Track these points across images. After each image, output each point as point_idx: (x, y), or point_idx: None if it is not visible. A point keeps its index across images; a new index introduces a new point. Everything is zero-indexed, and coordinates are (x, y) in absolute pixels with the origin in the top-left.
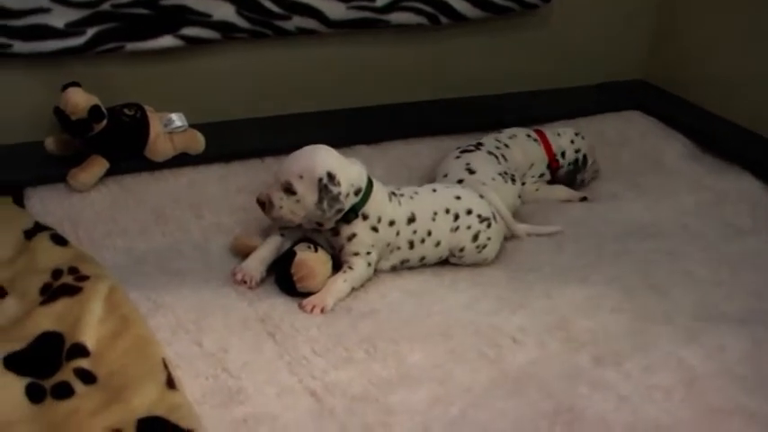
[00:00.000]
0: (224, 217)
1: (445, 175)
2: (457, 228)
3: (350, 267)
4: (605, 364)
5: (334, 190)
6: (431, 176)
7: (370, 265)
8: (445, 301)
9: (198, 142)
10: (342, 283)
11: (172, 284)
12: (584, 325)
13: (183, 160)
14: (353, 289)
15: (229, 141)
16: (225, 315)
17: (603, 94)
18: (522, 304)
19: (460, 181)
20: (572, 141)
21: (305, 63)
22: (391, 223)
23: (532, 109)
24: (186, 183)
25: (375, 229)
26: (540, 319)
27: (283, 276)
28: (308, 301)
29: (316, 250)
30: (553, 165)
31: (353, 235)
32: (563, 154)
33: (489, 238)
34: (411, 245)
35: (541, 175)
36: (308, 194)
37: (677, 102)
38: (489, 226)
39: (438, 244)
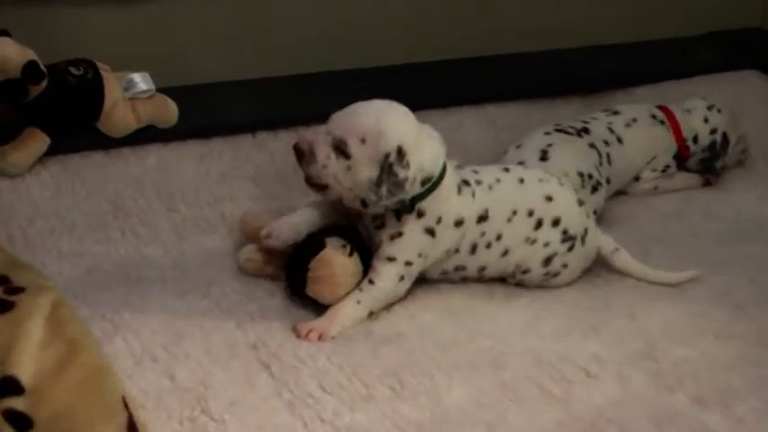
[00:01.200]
0: (203, 210)
1: (518, 146)
2: (534, 241)
3: (371, 282)
4: (709, 407)
5: (401, 174)
6: (476, 155)
7: (403, 279)
8: (495, 322)
9: (168, 111)
10: (353, 306)
11: (135, 298)
12: (679, 354)
13: (149, 135)
14: (371, 314)
15: (210, 110)
16: (205, 339)
17: (709, 49)
18: (597, 326)
19: (521, 163)
20: (705, 120)
21: (310, 9)
22: (458, 224)
23: (611, 69)
24: (154, 165)
25: (431, 233)
26: (622, 347)
27: (296, 266)
28: (304, 325)
29: (351, 254)
30: (682, 154)
31: (399, 234)
32: (695, 138)
33: (566, 266)
34: (473, 249)
35: (665, 169)
36: (365, 166)
37: None
38: (572, 249)
39: (506, 253)
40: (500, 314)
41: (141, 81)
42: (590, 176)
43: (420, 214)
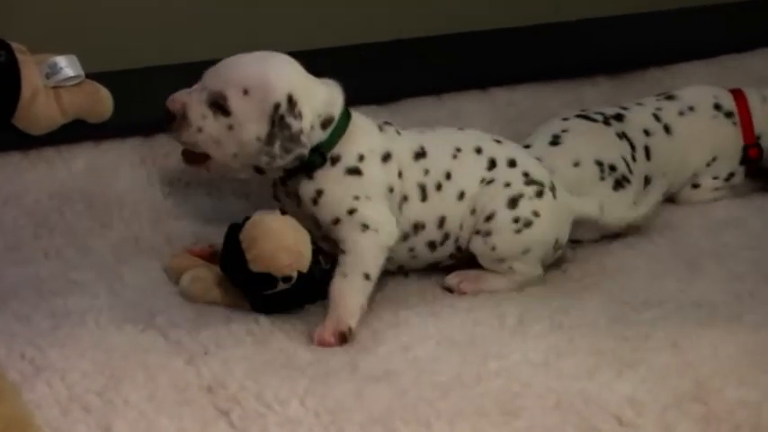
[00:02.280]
0: (144, 228)
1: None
2: (491, 180)
3: (343, 252)
4: None
5: (294, 125)
6: None
7: (377, 231)
8: (506, 355)
9: (101, 102)
10: (344, 281)
11: (62, 333)
12: (734, 395)
13: (77, 133)
14: (368, 279)
15: (152, 101)
16: (149, 380)
17: (741, 21)
18: (632, 361)
19: (526, 146)
20: None
21: None
22: (386, 157)
23: (648, 42)
24: (83, 169)
25: (356, 172)
26: (663, 387)
27: (231, 254)
28: (318, 334)
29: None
30: (750, 153)
31: (319, 193)
32: None
33: (538, 215)
34: (423, 193)
35: (729, 177)
36: (251, 122)
37: None
38: (541, 195)
39: (462, 196)
40: (512, 344)
41: (67, 66)
42: (612, 168)
43: (335, 160)
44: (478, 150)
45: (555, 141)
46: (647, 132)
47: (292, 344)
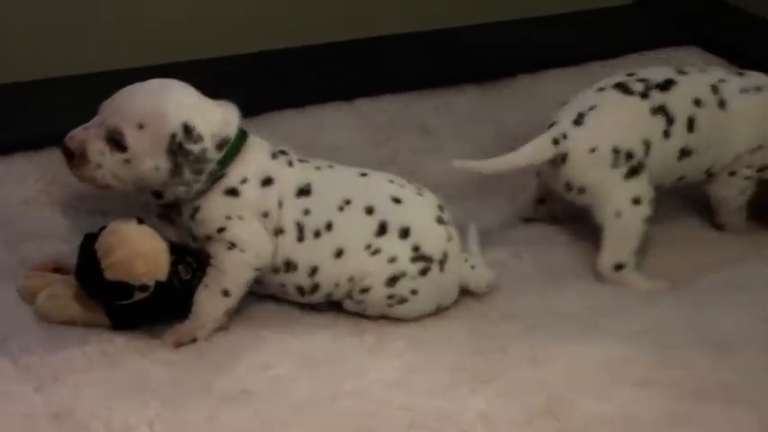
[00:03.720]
0: None
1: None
2: (377, 251)
3: (211, 265)
4: None
5: (196, 149)
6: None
7: (244, 251)
8: (363, 374)
9: None
10: (204, 292)
11: None
12: (589, 409)
13: None
14: (228, 295)
15: (9, 117)
16: None
17: (639, 21)
18: (489, 376)
19: (553, 124)
20: None
21: None
22: (266, 182)
23: (516, 49)
24: None
25: (233, 193)
26: (517, 402)
27: (86, 264)
28: (166, 335)
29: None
30: None
31: (196, 209)
32: None
33: (415, 293)
34: (300, 232)
35: (764, 169)
36: (148, 155)
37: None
38: (425, 273)
39: (340, 254)
40: (369, 362)
41: None
42: (629, 156)
43: (219, 179)
44: (370, 210)
45: (578, 120)
46: (697, 102)
47: (147, 363)
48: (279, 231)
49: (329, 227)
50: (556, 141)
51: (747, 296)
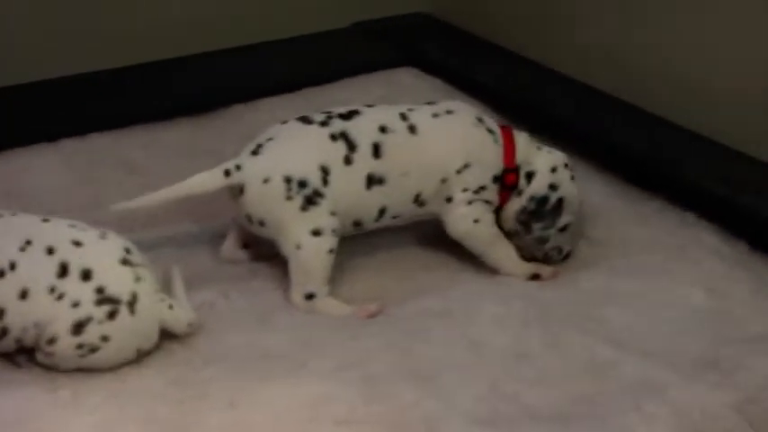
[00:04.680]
0: None
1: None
2: (61, 295)
3: None
4: None
5: None
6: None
7: None
8: None
9: None
10: None
11: None
12: None
13: None
14: None
15: None
16: None
17: (355, 44)
18: (183, 426)
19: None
20: (553, 169)
21: None
22: None
23: (227, 79)
24: None
25: None
26: None
27: None
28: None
29: None
30: (507, 179)
31: None
32: (529, 175)
33: (106, 339)
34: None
35: (479, 190)
36: None
37: (479, 47)
38: (113, 316)
39: (25, 296)
40: (63, 421)
41: None
42: (302, 184)
43: None
44: (50, 251)
45: (256, 151)
46: (383, 129)
47: None
48: None
49: (12, 266)
50: (227, 172)
51: (453, 322)
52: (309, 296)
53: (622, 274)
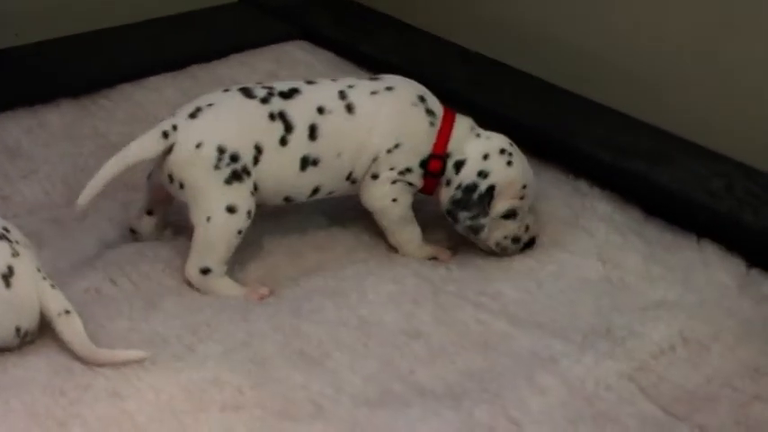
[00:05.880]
0: None
1: None
2: None
3: None
4: None
5: None
6: None
7: None
8: None
9: None
10: None
11: None
12: None
13: None
14: None
15: None
16: None
17: (248, 16)
18: (67, 417)
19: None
20: (485, 156)
21: None
22: None
23: (123, 55)
24: None
25: None
26: None
27: None
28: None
29: None
30: (431, 165)
31: None
32: (459, 164)
33: None
34: None
35: (405, 172)
36: None
37: (372, 19)
38: None
39: None
40: None
41: None
42: (233, 158)
43: None
44: None
45: (194, 114)
46: (321, 110)
47: None
48: None
49: None
50: (165, 134)
51: (345, 301)
52: (205, 271)
53: None
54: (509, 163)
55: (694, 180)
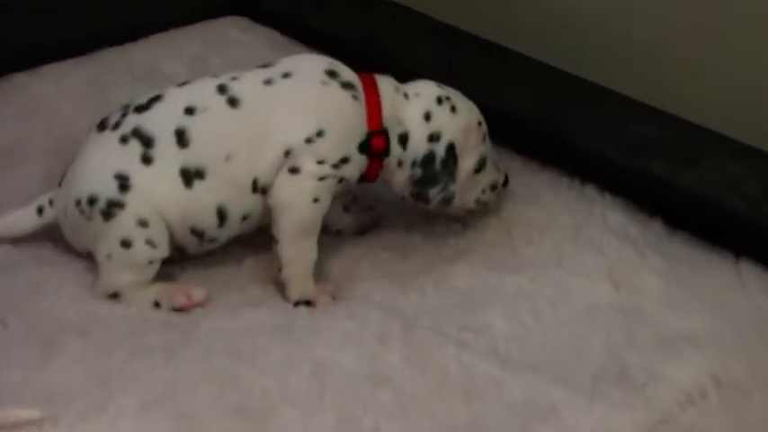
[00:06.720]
0: None
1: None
2: None
3: None
4: None
5: None
6: None
7: None
8: None
9: None
10: None
11: None
12: None
13: None
14: None
15: None
16: None
17: (120, 11)
18: None
19: None
20: (426, 116)
21: None
22: None
23: (17, 40)
24: None
25: None
26: None
27: None
28: None
29: None
30: (374, 145)
31: None
32: (403, 138)
33: None
34: None
35: (340, 163)
36: None
37: None
38: None
39: None
40: None
41: None
42: (91, 201)
43: None
44: None
45: (60, 181)
46: (189, 111)
47: None
48: None
49: None
50: (40, 210)
51: (293, 341)
52: (114, 295)
53: (508, 268)
54: (453, 109)
55: (727, 183)
